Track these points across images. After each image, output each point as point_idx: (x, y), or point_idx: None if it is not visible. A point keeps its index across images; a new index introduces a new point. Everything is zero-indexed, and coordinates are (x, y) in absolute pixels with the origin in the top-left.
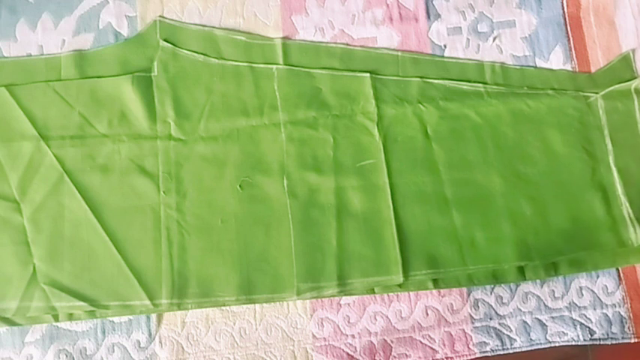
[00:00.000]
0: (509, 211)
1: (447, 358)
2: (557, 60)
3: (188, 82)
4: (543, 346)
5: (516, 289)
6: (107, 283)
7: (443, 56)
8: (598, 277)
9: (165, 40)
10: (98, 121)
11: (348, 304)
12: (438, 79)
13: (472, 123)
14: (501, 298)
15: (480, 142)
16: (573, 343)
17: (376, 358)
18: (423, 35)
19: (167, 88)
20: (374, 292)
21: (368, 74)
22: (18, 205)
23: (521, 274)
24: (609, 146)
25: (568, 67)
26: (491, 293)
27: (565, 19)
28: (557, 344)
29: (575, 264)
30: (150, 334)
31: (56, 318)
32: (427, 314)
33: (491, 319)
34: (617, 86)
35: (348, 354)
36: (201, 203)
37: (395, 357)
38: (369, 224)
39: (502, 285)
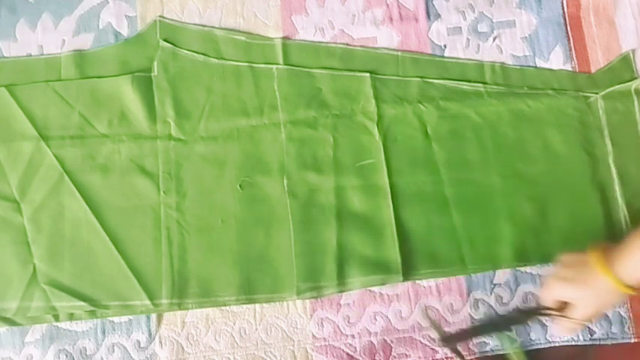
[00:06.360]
0: (509, 211)
1: (447, 358)
2: (557, 60)
3: (188, 82)
4: (543, 346)
5: (516, 289)
6: (107, 283)
7: (443, 56)
8: None
9: (165, 40)
10: (98, 121)
11: (348, 304)
12: (438, 79)
13: (472, 123)
14: (501, 298)
15: (480, 142)
16: (573, 343)
17: (376, 358)
18: (423, 35)
19: (167, 88)
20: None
21: (368, 74)
22: (18, 205)
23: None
24: (609, 146)
25: (568, 67)
26: (491, 293)
27: (565, 19)
28: (557, 344)
29: None
30: (150, 334)
31: (56, 318)
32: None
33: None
34: (617, 86)
35: (348, 354)
36: (201, 203)
37: (395, 357)
38: (369, 224)
39: (502, 285)
